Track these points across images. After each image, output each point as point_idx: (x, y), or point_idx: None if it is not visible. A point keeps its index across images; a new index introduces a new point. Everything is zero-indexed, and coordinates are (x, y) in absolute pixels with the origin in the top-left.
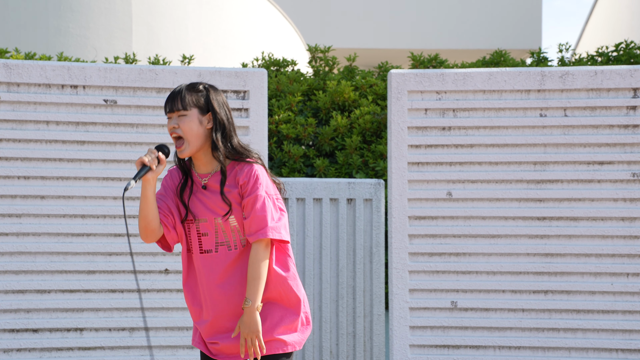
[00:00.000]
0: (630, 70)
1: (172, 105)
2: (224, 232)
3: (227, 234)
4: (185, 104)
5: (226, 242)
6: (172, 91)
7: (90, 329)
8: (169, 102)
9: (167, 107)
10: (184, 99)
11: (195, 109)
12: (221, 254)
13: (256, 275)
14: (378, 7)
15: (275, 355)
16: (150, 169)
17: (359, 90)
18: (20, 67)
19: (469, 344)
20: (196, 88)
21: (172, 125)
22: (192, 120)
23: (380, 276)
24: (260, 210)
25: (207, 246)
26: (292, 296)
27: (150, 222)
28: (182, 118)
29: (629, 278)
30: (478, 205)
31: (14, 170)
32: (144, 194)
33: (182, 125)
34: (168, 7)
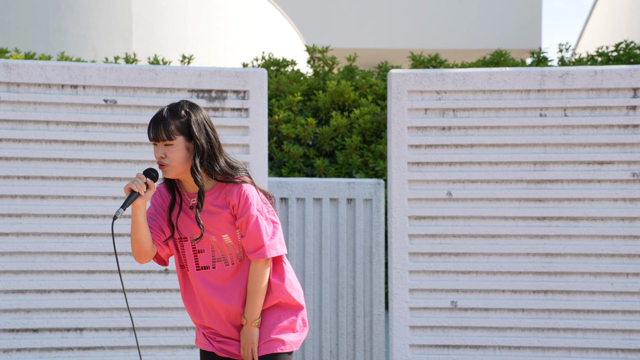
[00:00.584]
0: (630, 70)
1: (157, 135)
2: (219, 248)
3: (223, 249)
4: (170, 133)
5: (223, 258)
6: (155, 117)
7: (90, 328)
8: (153, 131)
9: (151, 134)
10: (168, 129)
11: (181, 136)
12: (219, 269)
13: (255, 291)
14: (378, 7)
15: (274, 354)
16: (139, 195)
17: (359, 90)
18: (20, 67)
19: (469, 343)
20: (178, 114)
21: (160, 155)
22: (179, 149)
23: (380, 276)
24: (255, 230)
25: (204, 263)
26: (290, 301)
27: (143, 244)
28: (169, 147)
29: (628, 278)
30: (478, 205)
31: (14, 170)
32: (135, 219)
33: (169, 155)
34: (168, 7)
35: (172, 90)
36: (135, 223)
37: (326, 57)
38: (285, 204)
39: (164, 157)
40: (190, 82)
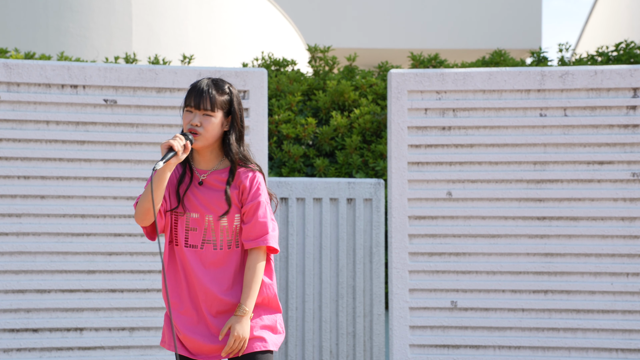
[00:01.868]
0: (630, 70)
1: (200, 103)
2: (212, 230)
3: (215, 232)
4: (214, 105)
5: (212, 240)
6: (198, 86)
7: (90, 328)
8: (197, 98)
9: (192, 101)
10: (213, 100)
11: (221, 111)
12: (206, 251)
13: (254, 280)
14: (378, 7)
15: (257, 352)
16: (175, 154)
17: (359, 90)
18: (20, 67)
19: (469, 343)
20: (223, 89)
21: (196, 122)
22: (216, 122)
23: (380, 276)
24: (263, 217)
25: (193, 241)
26: (273, 302)
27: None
28: (207, 117)
29: (628, 278)
30: (478, 205)
31: (14, 170)
32: (162, 177)
33: (205, 125)
34: (168, 7)
35: (172, 90)
36: (160, 181)
37: (327, 56)
38: (285, 204)
39: (199, 126)
40: (190, 82)
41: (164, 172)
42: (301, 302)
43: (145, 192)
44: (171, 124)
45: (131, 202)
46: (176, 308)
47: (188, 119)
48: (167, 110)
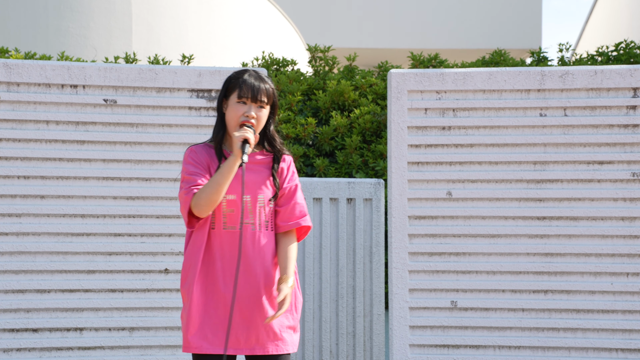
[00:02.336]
0: (630, 70)
1: (260, 97)
2: (250, 211)
3: (253, 214)
4: (269, 98)
5: (250, 221)
6: (253, 78)
7: (90, 328)
8: (254, 91)
9: (248, 93)
10: (269, 94)
11: (268, 104)
12: (245, 232)
13: (294, 257)
14: (378, 7)
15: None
16: (250, 146)
17: (359, 89)
18: (20, 67)
19: (469, 343)
20: (269, 82)
21: (253, 114)
22: (266, 114)
23: (380, 276)
24: (300, 198)
25: (231, 223)
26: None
27: (222, 196)
28: (260, 109)
29: (628, 278)
30: (478, 205)
31: (14, 170)
32: (233, 168)
33: (259, 117)
34: (168, 7)
35: (172, 90)
36: (229, 172)
37: (327, 56)
38: None
39: (254, 118)
40: (190, 82)
41: (234, 164)
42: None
43: (212, 185)
44: (171, 123)
45: (131, 202)
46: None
47: (242, 110)
48: (167, 110)
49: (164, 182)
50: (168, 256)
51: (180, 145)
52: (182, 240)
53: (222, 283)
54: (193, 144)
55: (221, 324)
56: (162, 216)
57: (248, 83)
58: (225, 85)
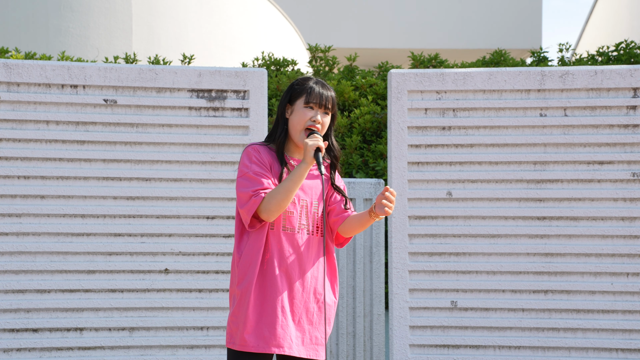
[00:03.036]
0: (630, 70)
1: (327, 104)
2: (306, 214)
3: (308, 216)
4: (334, 106)
5: (306, 225)
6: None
7: (90, 328)
8: (322, 98)
9: (317, 100)
10: (334, 102)
11: (332, 113)
12: (301, 234)
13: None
14: (378, 7)
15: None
16: (321, 153)
17: (359, 90)
18: (20, 67)
19: (469, 343)
20: (332, 90)
21: (318, 119)
22: (328, 121)
23: (380, 276)
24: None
25: (290, 224)
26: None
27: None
28: (325, 116)
29: (629, 278)
30: (478, 205)
31: (14, 170)
32: (304, 175)
33: (324, 123)
34: (168, 7)
35: (172, 90)
36: (300, 179)
37: (327, 56)
38: None
39: (320, 123)
40: (190, 82)
41: (306, 170)
42: None
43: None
44: (171, 123)
45: (131, 202)
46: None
47: (309, 115)
48: (167, 110)
49: (164, 182)
50: (168, 256)
51: (181, 146)
52: (182, 241)
53: (280, 284)
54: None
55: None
56: (162, 216)
57: (316, 89)
58: (289, 91)
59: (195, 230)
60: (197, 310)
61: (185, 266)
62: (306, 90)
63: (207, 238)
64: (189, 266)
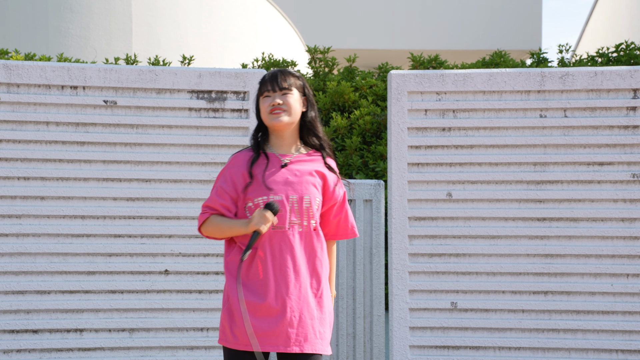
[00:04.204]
0: (630, 71)
1: (278, 84)
2: (297, 211)
3: (300, 213)
4: (290, 84)
5: (298, 221)
6: (271, 73)
7: (90, 329)
8: (273, 81)
9: (268, 86)
10: (289, 81)
11: (297, 90)
12: (292, 231)
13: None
14: (378, 7)
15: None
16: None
17: (359, 91)
18: (20, 68)
19: (469, 344)
20: (292, 73)
21: (277, 101)
22: (296, 99)
23: (380, 277)
24: (346, 212)
25: (280, 222)
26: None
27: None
28: (286, 95)
29: (629, 279)
30: (478, 206)
31: (14, 171)
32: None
33: (286, 101)
34: (168, 8)
35: (172, 91)
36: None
37: (327, 57)
38: None
39: (282, 103)
40: (190, 83)
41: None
42: None
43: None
44: (171, 125)
45: (131, 203)
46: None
47: (267, 102)
48: (167, 111)
49: (164, 184)
50: (168, 257)
51: (181, 147)
52: (181, 242)
53: (273, 282)
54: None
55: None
56: (162, 217)
57: (268, 77)
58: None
59: (195, 232)
60: (197, 312)
61: (185, 267)
62: (260, 82)
63: (207, 239)
64: (189, 267)
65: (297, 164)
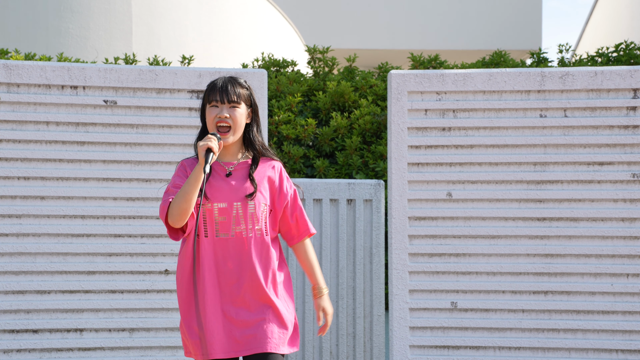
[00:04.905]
0: (630, 71)
1: (227, 97)
2: (241, 217)
3: (244, 220)
4: (239, 97)
5: (242, 228)
6: (221, 81)
7: (90, 329)
8: (222, 92)
9: (217, 96)
10: (239, 94)
11: (244, 103)
12: (237, 238)
13: (317, 264)
14: (378, 7)
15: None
16: (214, 155)
17: (359, 90)
18: (20, 68)
19: (469, 344)
20: (242, 84)
21: (225, 114)
22: (242, 113)
23: (380, 277)
24: (301, 209)
25: (224, 230)
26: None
27: (191, 205)
28: (234, 109)
29: (629, 279)
30: (478, 205)
31: (14, 170)
32: (199, 177)
33: (233, 116)
34: (168, 8)
35: (172, 91)
36: (195, 181)
37: (326, 57)
38: None
39: (228, 117)
40: (190, 83)
41: (201, 172)
42: (301, 302)
43: (181, 194)
44: (171, 124)
45: (131, 202)
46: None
47: (214, 113)
48: (167, 111)
49: (164, 183)
50: (168, 257)
51: (181, 147)
52: None
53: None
54: (188, 157)
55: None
56: None
57: (217, 87)
58: (204, 94)
59: None
60: None
61: None
62: (208, 89)
63: None
64: None
65: (242, 170)
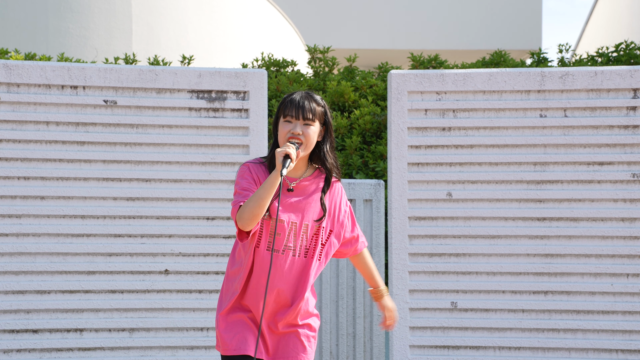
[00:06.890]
0: (630, 71)
1: (304, 114)
2: (294, 236)
3: (296, 238)
4: (314, 114)
5: (293, 247)
6: (299, 97)
7: (90, 329)
8: (300, 110)
9: (292, 112)
10: (314, 111)
11: (318, 121)
12: (286, 256)
13: (376, 268)
14: (378, 7)
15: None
16: (291, 162)
17: (359, 90)
18: (20, 68)
19: (469, 344)
20: (317, 101)
21: (298, 131)
22: (315, 131)
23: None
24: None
25: (277, 246)
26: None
27: (264, 208)
28: (307, 127)
29: (628, 279)
30: (478, 205)
31: (14, 170)
32: (275, 182)
33: (306, 133)
34: (168, 7)
35: (172, 90)
36: (271, 187)
37: (326, 57)
38: None
39: (301, 134)
40: (190, 83)
41: (277, 178)
42: None
43: (255, 198)
44: (171, 124)
45: (131, 202)
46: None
47: (287, 128)
48: (167, 111)
49: (164, 183)
50: (168, 257)
51: (181, 146)
52: (182, 241)
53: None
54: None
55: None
56: (162, 217)
57: (294, 101)
58: (279, 107)
59: (195, 231)
60: (197, 311)
61: (185, 267)
62: (285, 103)
63: (207, 239)
64: (189, 267)
65: (305, 187)
